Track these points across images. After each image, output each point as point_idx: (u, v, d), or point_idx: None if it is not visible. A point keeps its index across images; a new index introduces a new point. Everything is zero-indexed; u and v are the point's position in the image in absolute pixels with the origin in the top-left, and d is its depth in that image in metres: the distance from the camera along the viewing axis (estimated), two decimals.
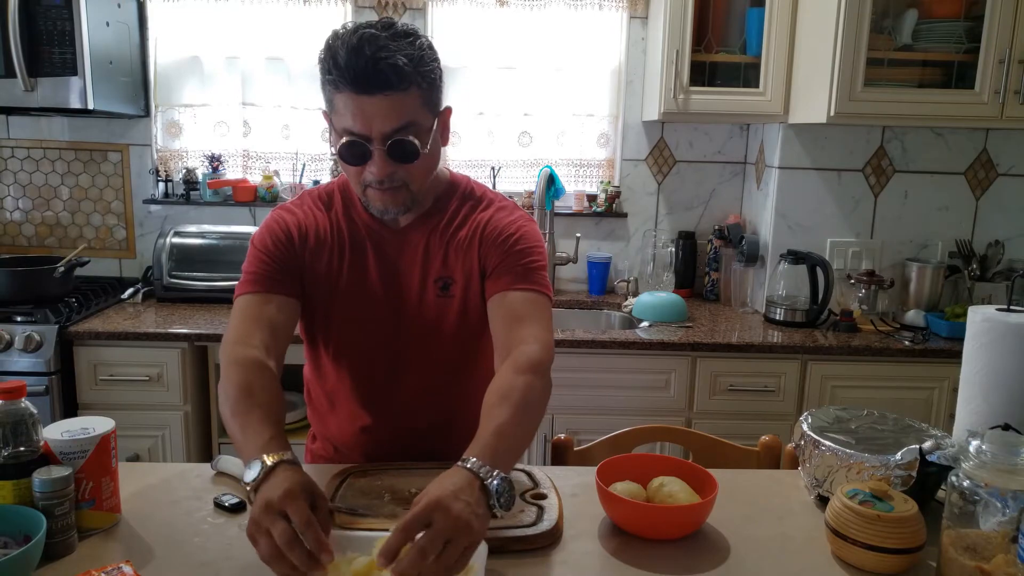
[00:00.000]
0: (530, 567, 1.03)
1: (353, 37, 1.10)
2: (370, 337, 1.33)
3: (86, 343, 2.33)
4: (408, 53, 1.11)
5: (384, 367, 1.35)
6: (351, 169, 1.19)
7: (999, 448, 0.95)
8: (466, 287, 1.30)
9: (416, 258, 1.31)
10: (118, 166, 2.91)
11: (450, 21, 2.84)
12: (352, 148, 1.15)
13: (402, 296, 1.31)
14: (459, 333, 1.33)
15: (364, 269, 1.31)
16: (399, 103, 1.12)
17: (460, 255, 1.30)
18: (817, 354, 2.40)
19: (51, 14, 2.34)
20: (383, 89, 1.10)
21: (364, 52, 1.09)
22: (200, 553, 1.05)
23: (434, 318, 1.31)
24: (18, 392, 1.02)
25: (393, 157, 1.16)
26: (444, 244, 1.31)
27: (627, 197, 3.04)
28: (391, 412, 1.37)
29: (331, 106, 1.17)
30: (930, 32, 2.42)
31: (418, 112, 1.16)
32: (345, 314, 1.32)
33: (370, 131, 1.13)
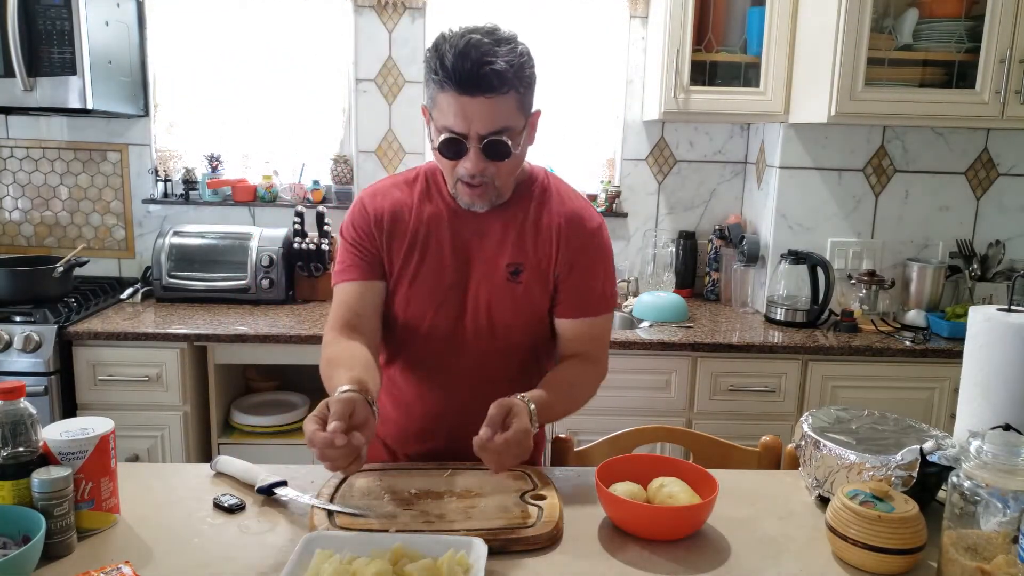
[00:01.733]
0: (530, 567, 1.03)
1: (460, 41, 1.19)
2: (438, 313, 1.37)
3: (85, 343, 2.33)
4: (509, 59, 1.20)
5: (446, 347, 1.38)
6: (446, 163, 1.27)
7: (1000, 448, 0.95)
8: (536, 276, 1.36)
9: (491, 243, 1.36)
10: (117, 166, 2.91)
11: (450, 21, 2.83)
12: (450, 144, 1.23)
13: (472, 277, 1.36)
14: (521, 320, 1.37)
15: (439, 247, 1.36)
16: (497, 106, 1.20)
17: (534, 246, 1.35)
18: (818, 354, 2.40)
19: (50, 14, 2.34)
20: (484, 92, 1.18)
21: (470, 56, 1.17)
22: (199, 553, 1.05)
23: (500, 302, 1.36)
24: (17, 392, 1.02)
25: (487, 155, 1.24)
26: (519, 232, 1.36)
27: (627, 197, 3.03)
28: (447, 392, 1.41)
29: (433, 103, 1.25)
30: (931, 32, 2.42)
31: (513, 115, 1.23)
32: (418, 288, 1.37)
33: (468, 130, 1.21)
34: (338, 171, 2.94)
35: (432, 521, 1.10)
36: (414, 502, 1.16)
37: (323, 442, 1.05)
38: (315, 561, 0.96)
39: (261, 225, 2.86)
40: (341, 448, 1.04)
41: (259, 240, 2.69)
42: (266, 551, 1.06)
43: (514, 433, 1.13)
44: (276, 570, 0.95)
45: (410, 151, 2.96)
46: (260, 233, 2.72)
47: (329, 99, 2.92)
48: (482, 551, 0.97)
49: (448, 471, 1.27)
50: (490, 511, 1.13)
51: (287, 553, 0.98)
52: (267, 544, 1.08)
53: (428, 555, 0.96)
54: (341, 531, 1.06)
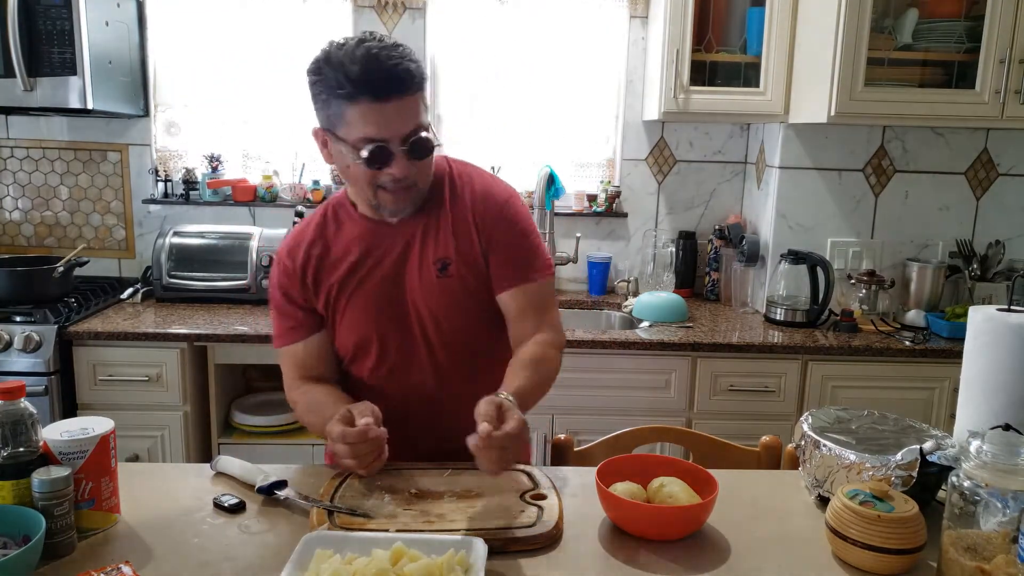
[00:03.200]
0: (530, 567, 1.03)
1: (359, 51, 1.17)
2: (386, 328, 1.37)
3: (85, 343, 2.33)
4: (412, 59, 1.20)
5: (402, 360, 1.38)
6: (366, 174, 1.25)
7: (1000, 448, 0.95)
8: (465, 266, 1.35)
9: (415, 246, 1.35)
10: (117, 166, 2.91)
11: (449, 20, 2.84)
12: (378, 153, 1.21)
13: (406, 284, 1.36)
14: (463, 315, 1.36)
15: (369, 267, 1.36)
16: (412, 105, 1.22)
17: (455, 236, 1.35)
18: (817, 354, 2.40)
19: (50, 14, 2.34)
20: (399, 93, 1.19)
21: (377, 62, 1.16)
22: (199, 553, 1.05)
23: (436, 300, 1.35)
24: (17, 392, 1.02)
25: (412, 156, 1.24)
26: (438, 227, 1.35)
27: (627, 197, 3.03)
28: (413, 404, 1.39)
29: (340, 120, 1.22)
30: (930, 32, 2.42)
31: (423, 112, 1.25)
32: (359, 312, 1.37)
33: (390, 134, 1.21)
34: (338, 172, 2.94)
35: (432, 521, 1.10)
36: (414, 502, 1.16)
37: (357, 435, 1.11)
38: (315, 561, 0.96)
39: (261, 225, 2.86)
40: (372, 441, 1.11)
41: (259, 240, 2.69)
42: (266, 551, 1.06)
43: (515, 425, 1.10)
44: (276, 570, 0.95)
45: None
46: (260, 233, 2.72)
47: None
48: (482, 551, 0.97)
49: (448, 471, 1.27)
50: (490, 511, 1.13)
51: (287, 553, 0.98)
52: (267, 544, 1.08)
53: (428, 555, 0.96)
54: (341, 531, 1.06)
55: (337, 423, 1.15)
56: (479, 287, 1.36)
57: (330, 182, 2.95)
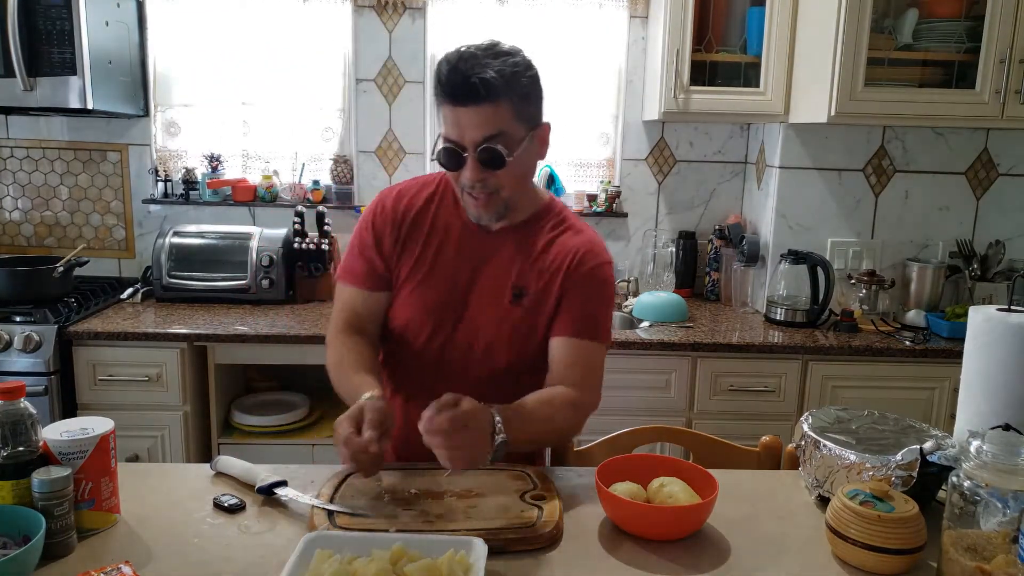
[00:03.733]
0: (530, 567, 1.03)
1: (455, 55, 1.24)
2: (435, 325, 1.38)
3: (85, 343, 2.33)
4: (499, 69, 1.22)
5: (435, 360, 1.39)
6: (452, 174, 1.31)
7: (1000, 448, 0.95)
8: (537, 303, 1.37)
9: (499, 263, 1.38)
10: (117, 166, 2.91)
11: (450, 20, 2.84)
12: (447, 154, 1.28)
13: (474, 293, 1.38)
14: (515, 344, 1.37)
15: (448, 258, 1.39)
16: (488, 114, 1.23)
17: (541, 274, 1.37)
18: (818, 354, 2.40)
19: (50, 13, 2.34)
20: (474, 101, 1.22)
21: (461, 68, 1.22)
22: (199, 553, 1.05)
23: (497, 323, 1.37)
24: (17, 392, 1.02)
25: (482, 163, 1.26)
26: (527, 257, 1.38)
27: (627, 197, 3.03)
28: None
29: (439, 115, 1.29)
30: (931, 32, 2.42)
31: (509, 123, 1.25)
32: (419, 296, 1.39)
33: (463, 139, 1.25)
34: (338, 171, 2.94)
35: (432, 521, 1.10)
36: (414, 502, 1.16)
37: (358, 447, 1.12)
38: (315, 561, 0.96)
39: (261, 225, 2.86)
40: (372, 455, 1.11)
41: (259, 240, 2.69)
42: (266, 551, 1.06)
43: (463, 412, 1.09)
44: (276, 570, 0.95)
45: (410, 151, 2.96)
46: (260, 233, 2.72)
47: (329, 99, 2.92)
48: (482, 551, 0.97)
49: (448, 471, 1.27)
50: (490, 511, 1.13)
51: (287, 553, 0.98)
52: (267, 544, 1.08)
53: (428, 555, 0.96)
54: (341, 531, 1.06)
55: (346, 423, 1.15)
56: (539, 327, 1.37)
57: (330, 182, 2.95)
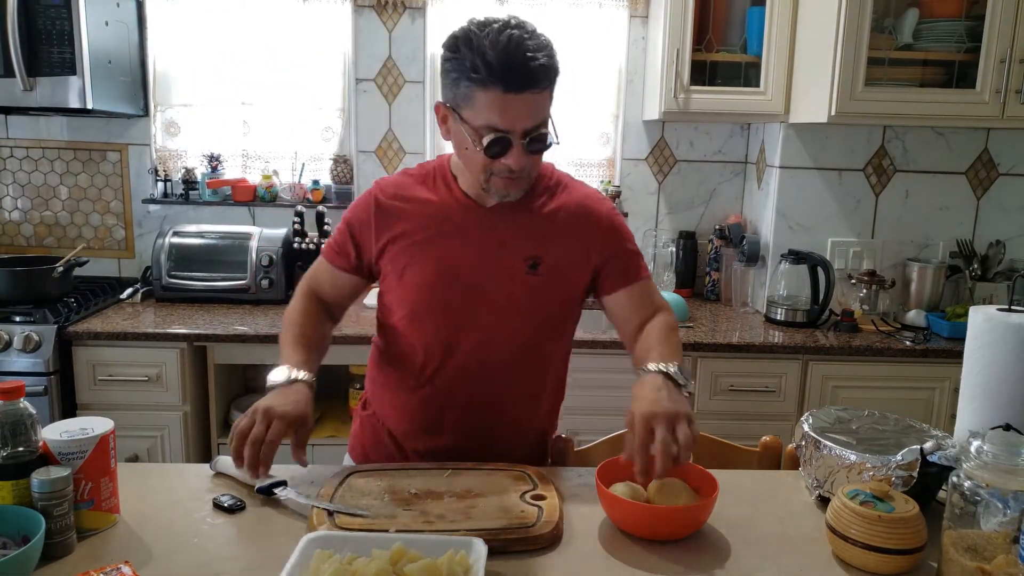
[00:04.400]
0: (530, 567, 1.03)
1: (501, 37, 1.17)
2: (447, 303, 1.35)
3: (85, 343, 2.33)
4: (547, 52, 1.20)
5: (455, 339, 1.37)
6: (481, 160, 1.24)
7: (1000, 448, 0.95)
8: (556, 269, 1.35)
9: (506, 235, 1.35)
10: (117, 166, 2.91)
11: (449, 20, 2.84)
12: (497, 143, 1.21)
13: (485, 268, 1.34)
14: (539, 313, 1.37)
15: (451, 240, 1.35)
16: (541, 101, 1.22)
17: (557, 240, 1.35)
18: (818, 354, 2.40)
19: (50, 13, 2.34)
20: (532, 88, 1.19)
21: (517, 53, 1.16)
22: (199, 553, 1.05)
23: (516, 294, 1.35)
24: (17, 392, 1.02)
25: (531, 151, 1.24)
26: (533, 224, 1.36)
27: (627, 197, 3.03)
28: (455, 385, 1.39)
29: (467, 101, 1.21)
30: (931, 32, 2.42)
31: (548, 107, 1.26)
32: (424, 277, 1.35)
33: (514, 127, 1.21)
34: (338, 171, 2.94)
35: (432, 521, 1.10)
36: (414, 502, 1.16)
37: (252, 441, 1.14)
38: (315, 561, 0.96)
39: (261, 225, 2.86)
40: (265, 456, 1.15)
41: (259, 240, 2.69)
42: (266, 551, 1.06)
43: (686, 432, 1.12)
44: (276, 570, 0.95)
45: (410, 151, 2.96)
46: (260, 233, 2.72)
47: (329, 99, 2.92)
48: (482, 551, 0.97)
49: (448, 471, 1.27)
50: (490, 511, 1.13)
51: (287, 553, 0.98)
52: (267, 544, 1.08)
53: (428, 555, 0.96)
54: (341, 531, 1.06)
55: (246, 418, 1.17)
56: (560, 293, 1.38)
57: (330, 182, 2.95)
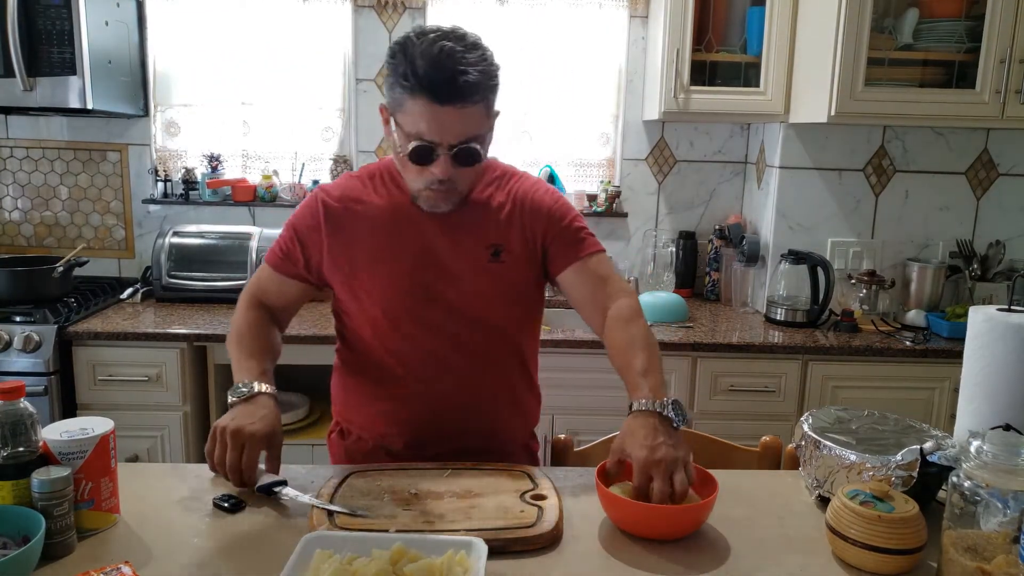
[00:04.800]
0: (530, 567, 1.03)
1: (433, 48, 1.18)
2: (412, 300, 1.36)
3: (85, 343, 2.33)
4: (481, 68, 1.20)
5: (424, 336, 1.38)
6: (412, 167, 1.26)
7: (1000, 448, 0.95)
8: (515, 255, 1.37)
9: (463, 227, 1.36)
10: (117, 166, 2.91)
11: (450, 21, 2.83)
12: (421, 152, 1.23)
13: (447, 261, 1.36)
14: (508, 300, 1.39)
15: (405, 235, 1.36)
16: (470, 115, 1.21)
17: (511, 228, 1.37)
18: (818, 354, 2.40)
19: (50, 13, 2.34)
20: (458, 102, 1.19)
21: (445, 66, 1.17)
22: (199, 553, 1.05)
23: (483, 283, 1.36)
24: (17, 392, 1.02)
25: (457, 163, 1.24)
26: (484, 214, 1.37)
27: (627, 197, 3.03)
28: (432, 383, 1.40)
29: (399, 107, 1.23)
30: (931, 32, 2.42)
31: (482, 122, 1.25)
32: (385, 279, 1.36)
33: (440, 138, 1.21)
34: (338, 171, 2.94)
35: (432, 521, 1.10)
36: (414, 502, 1.16)
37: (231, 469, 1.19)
38: (315, 561, 0.96)
39: (261, 225, 2.86)
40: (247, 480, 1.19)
41: (259, 240, 2.69)
42: (266, 551, 1.06)
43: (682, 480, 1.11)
44: (276, 570, 0.95)
45: None
46: (260, 233, 2.72)
47: (329, 99, 2.92)
48: (482, 551, 0.97)
49: (448, 471, 1.27)
50: (490, 511, 1.13)
51: (287, 553, 0.98)
52: (267, 544, 1.08)
53: (428, 555, 0.96)
54: (341, 531, 1.06)
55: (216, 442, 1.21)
56: (525, 277, 1.40)
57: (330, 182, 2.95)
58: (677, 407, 1.18)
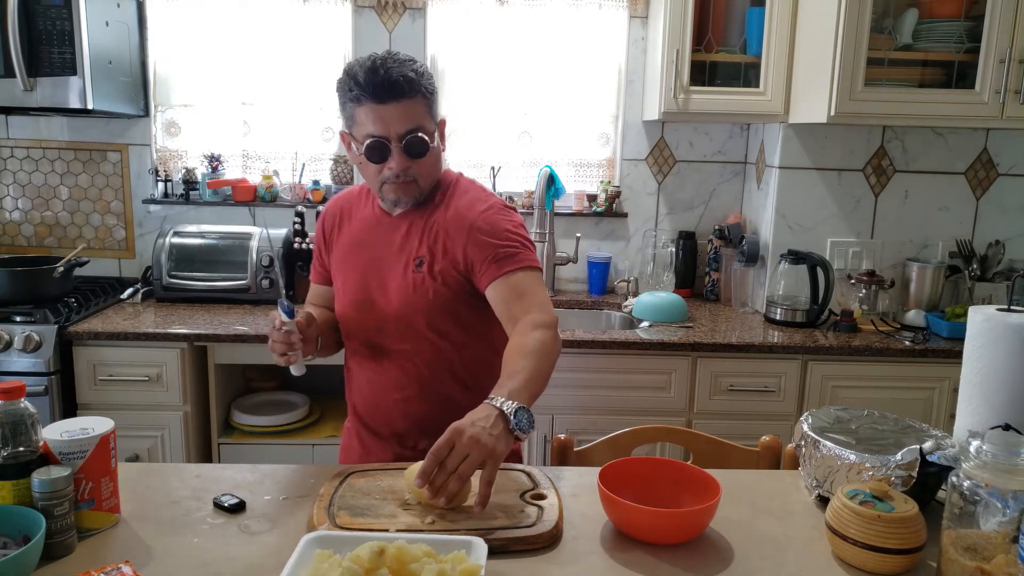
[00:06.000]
0: (530, 567, 1.03)
1: (368, 61, 1.36)
2: (362, 308, 1.50)
3: (85, 343, 2.33)
4: (413, 68, 1.37)
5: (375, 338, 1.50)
6: (372, 168, 1.42)
7: (999, 448, 0.95)
8: (440, 266, 1.44)
9: (402, 239, 1.48)
10: (117, 166, 2.91)
11: (450, 20, 2.84)
12: (375, 148, 1.38)
13: (386, 271, 1.49)
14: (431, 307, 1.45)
15: (367, 247, 1.51)
16: (410, 108, 1.37)
17: (436, 238, 1.46)
18: (817, 354, 2.40)
19: (50, 14, 2.34)
20: (397, 96, 1.35)
21: (379, 69, 1.34)
22: (199, 553, 1.05)
23: (407, 291, 1.46)
24: (17, 392, 1.02)
25: (408, 153, 1.39)
26: (424, 228, 1.47)
27: (627, 197, 3.03)
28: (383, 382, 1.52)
29: (352, 122, 1.41)
30: (930, 32, 2.42)
31: (424, 117, 1.40)
32: (349, 284, 1.53)
33: (388, 132, 1.37)
34: (338, 171, 2.94)
35: (432, 521, 1.10)
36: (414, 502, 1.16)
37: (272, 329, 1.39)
38: (315, 561, 0.96)
39: (261, 225, 2.86)
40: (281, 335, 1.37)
41: (259, 240, 2.69)
42: (266, 551, 1.06)
43: (436, 447, 1.10)
44: (276, 570, 0.95)
45: None
46: (260, 233, 2.72)
47: (329, 99, 2.92)
48: (482, 551, 0.97)
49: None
50: (490, 511, 1.13)
51: (287, 553, 0.98)
52: (267, 544, 1.08)
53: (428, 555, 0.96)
54: (341, 531, 1.06)
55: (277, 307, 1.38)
56: (454, 288, 1.45)
57: (330, 182, 2.96)
58: (523, 414, 1.16)
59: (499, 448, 1.12)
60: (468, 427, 1.12)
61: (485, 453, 1.10)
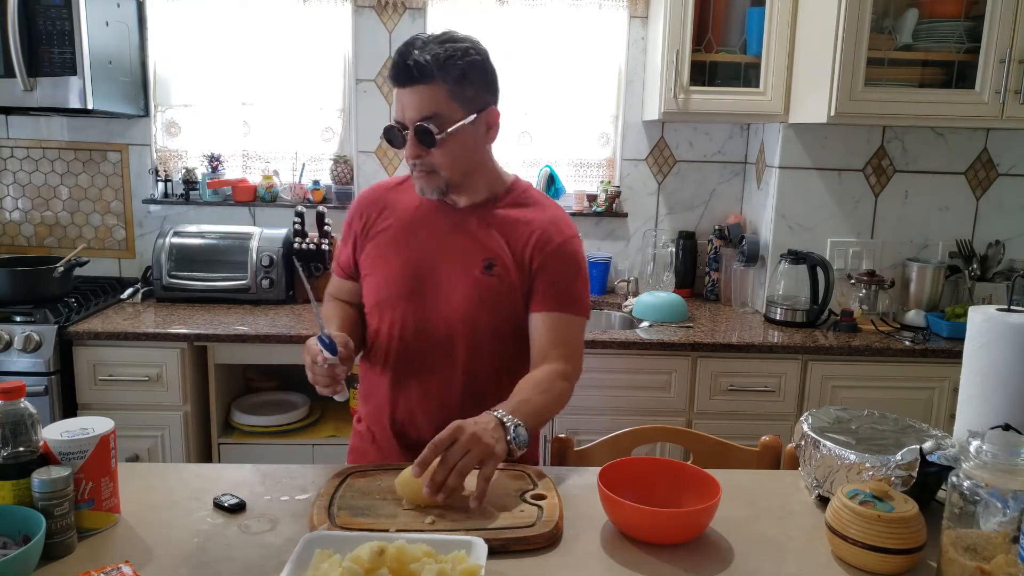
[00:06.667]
0: (530, 567, 1.03)
1: (404, 43, 1.33)
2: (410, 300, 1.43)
3: (85, 343, 2.33)
4: (435, 52, 1.30)
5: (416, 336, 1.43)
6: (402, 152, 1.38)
7: (999, 448, 0.95)
8: (508, 272, 1.41)
9: (467, 236, 1.43)
10: (117, 166, 2.91)
11: (450, 21, 2.84)
12: (389, 131, 1.37)
13: (444, 264, 1.42)
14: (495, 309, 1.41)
15: (419, 237, 1.45)
16: (425, 94, 1.31)
17: (509, 243, 1.41)
18: (817, 354, 2.40)
19: (50, 14, 2.34)
20: (410, 82, 1.31)
21: (402, 52, 1.31)
22: (199, 553, 1.05)
23: (472, 291, 1.40)
24: (17, 392, 1.02)
25: (417, 140, 1.34)
26: (494, 229, 1.42)
27: (627, 197, 3.03)
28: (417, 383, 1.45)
29: None
30: (930, 32, 2.42)
31: (444, 104, 1.32)
32: (392, 274, 1.45)
33: (403, 118, 1.34)
34: (338, 171, 2.94)
35: (432, 521, 1.10)
36: None
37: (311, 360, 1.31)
38: (315, 561, 0.96)
39: (261, 225, 2.86)
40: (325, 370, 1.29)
41: (259, 240, 2.69)
42: (266, 551, 1.06)
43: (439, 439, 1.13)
44: (276, 570, 0.95)
45: None
46: (260, 233, 2.72)
47: (329, 99, 2.92)
48: (482, 551, 0.97)
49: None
50: (490, 511, 1.13)
51: (287, 553, 0.98)
52: (267, 544, 1.08)
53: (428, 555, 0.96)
54: (341, 531, 1.06)
55: (316, 342, 1.30)
56: (514, 297, 1.41)
57: (330, 182, 2.96)
58: (522, 430, 1.20)
59: (498, 448, 1.15)
60: (470, 425, 1.15)
61: (486, 451, 1.13)
